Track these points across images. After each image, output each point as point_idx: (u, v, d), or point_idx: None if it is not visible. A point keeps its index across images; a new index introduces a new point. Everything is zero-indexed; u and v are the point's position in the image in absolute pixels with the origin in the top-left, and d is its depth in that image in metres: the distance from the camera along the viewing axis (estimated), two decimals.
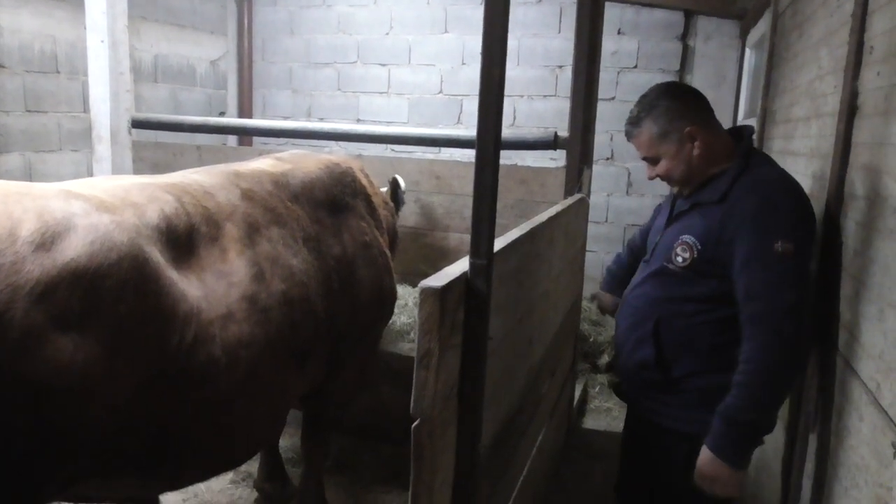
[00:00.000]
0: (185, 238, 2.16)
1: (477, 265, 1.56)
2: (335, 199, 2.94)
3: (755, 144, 4.49)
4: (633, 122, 2.36)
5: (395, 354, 3.86)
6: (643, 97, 2.37)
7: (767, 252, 2.03)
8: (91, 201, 1.91)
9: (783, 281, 2.03)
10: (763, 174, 2.19)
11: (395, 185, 3.90)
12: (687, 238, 2.24)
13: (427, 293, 1.42)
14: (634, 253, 2.87)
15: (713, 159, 2.28)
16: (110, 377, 1.79)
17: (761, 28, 4.80)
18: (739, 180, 2.18)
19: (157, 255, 1.97)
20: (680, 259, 2.25)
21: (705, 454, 2.13)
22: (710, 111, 2.35)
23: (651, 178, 2.43)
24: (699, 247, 2.20)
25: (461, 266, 1.59)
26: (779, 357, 2.04)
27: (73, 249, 1.75)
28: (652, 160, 2.36)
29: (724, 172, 2.25)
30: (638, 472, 2.60)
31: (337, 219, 2.90)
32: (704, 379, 2.25)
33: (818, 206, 2.37)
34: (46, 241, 1.72)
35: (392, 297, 3.20)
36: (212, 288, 2.15)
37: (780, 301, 2.03)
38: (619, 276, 2.91)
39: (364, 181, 3.21)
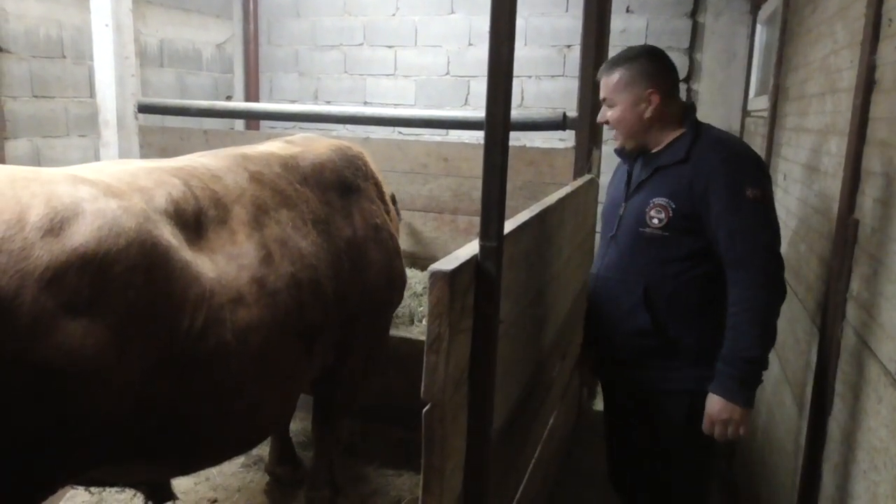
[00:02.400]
0: (193, 222, 2.15)
1: (487, 248, 1.54)
2: (346, 181, 2.92)
3: (767, 121, 4.47)
4: (611, 64, 2.49)
5: (406, 339, 3.85)
6: (629, 49, 2.53)
7: (740, 198, 2.20)
8: (99, 186, 1.90)
9: (759, 223, 2.22)
10: (719, 134, 2.42)
11: (391, 199, 3.89)
12: (658, 200, 2.35)
13: (437, 277, 1.40)
14: None
15: (661, 124, 2.44)
16: (120, 362, 1.79)
17: (773, 3, 4.73)
18: (698, 141, 2.36)
19: (165, 240, 1.96)
20: (656, 220, 2.35)
21: (714, 400, 2.28)
22: (676, 86, 2.52)
23: (600, 122, 2.58)
24: (673, 205, 2.32)
25: (471, 249, 1.57)
26: (767, 293, 2.22)
27: (81, 235, 1.74)
28: (609, 104, 2.50)
29: (678, 138, 2.42)
30: (632, 448, 2.68)
31: (347, 201, 2.88)
32: (699, 335, 2.38)
33: (834, 184, 2.34)
34: (55, 226, 1.71)
35: (402, 280, 3.19)
36: (222, 271, 2.14)
37: (760, 241, 2.22)
38: None
39: (374, 167, 3.19)
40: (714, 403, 2.28)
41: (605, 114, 2.52)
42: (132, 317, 1.81)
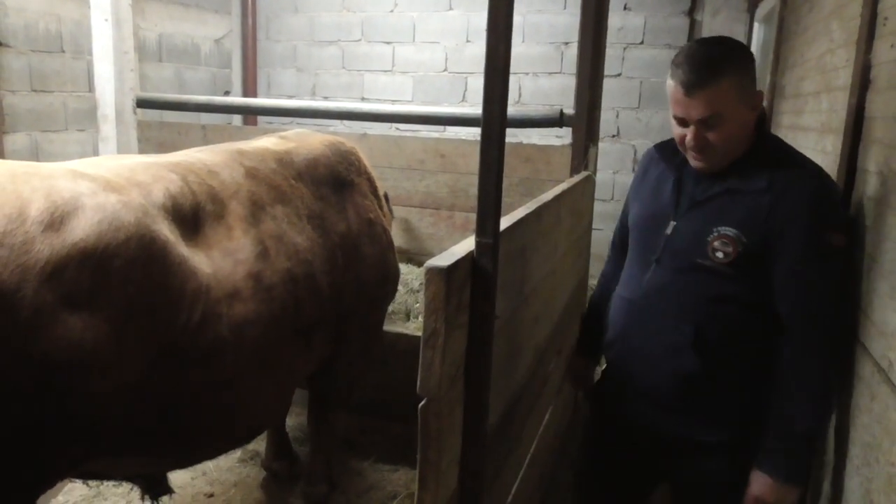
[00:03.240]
0: (190, 216, 2.16)
1: (483, 244, 1.55)
2: (339, 176, 2.93)
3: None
4: (707, 68, 1.87)
5: (402, 334, 3.87)
6: (714, 42, 1.97)
7: (824, 246, 1.85)
8: (98, 181, 1.92)
9: (837, 277, 1.89)
10: (801, 159, 1.97)
11: (384, 197, 3.90)
12: (727, 230, 1.92)
13: (433, 273, 1.41)
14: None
15: (749, 136, 1.98)
16: (119, 355, 1.80)
17: (770, 1, 4.74)
18: (781, 165, 1.92)
19: (164, 234, 1.97)
20: (721, 255, 1.93)
21: (760, 480, 1.92)
22: None
23: (697, 147, 1.96)
24: (744, 239, 1.90)
25: (467, 245, 1.58)
26: (832, 361, 1.90)
27: (81, 229, 1.76)
28: (711, 123, 1.90)
29: (751, 153, 1.97)
30: (632, 495, 2.37)
31: (341, 196, 2.90)
32: (749, 386, 2.00)
33: None
34: (55, 221, 1.73)
35: (395, 275, 3.20)
36: (218, 266, 2.16)
37: (835, 299, 1.89)
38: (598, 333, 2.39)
39: (366, 162, 3.21)
40: (760, 483, 1.92)
41: (707, 134, 1.93)
42: (131, 310, 1.83)
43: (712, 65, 1.87)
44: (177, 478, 3.30)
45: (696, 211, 2.01)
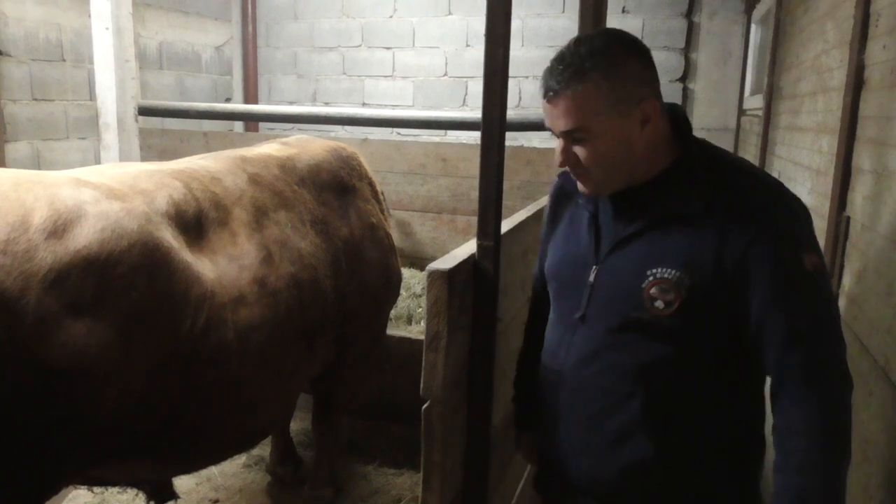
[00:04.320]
0: (194, 223, 2.18)
1: (484, 247, 1.57)
2: (341, 181, 2.95)
3: (762, 120, 4.48)
4: (575, 70, 1.48)
5: (405, 338, 3.88)
6: (586, 39, 1.54)
7: (798, 272, 1.43)
8: (101, 189, 1.93)
9: (827, 307, 1.45)
10: (739, 167, 1.57)
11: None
12: (663, 272, 1.49)
13: (435, 276, 1.43)
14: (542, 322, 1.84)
15: (657, 152, 1.56)
16: (123, 361, 1.82)
17: (767, 3, 4.76)
18: (718, 183, 1.51)
19: (167, 241, 1.99)
20: (660, 304, 1.49)
21: None
22: (658, 80, 1.59)
23: (563, 164, 1.57)
24: (688, 282, 1.47)
25: (468, 248, 1.60)
26: (845, 414, 1.42)
27: (84, 237, 1.77)
28: (577, 137, 1.52)
29: (676, 168, 1.56)
30: None
31: (343, 201, 2.91)
32: (721, 470, 1.56)
33: (826, 181, 2.35)
34: (58, 228, 1.74)
35: (398, 278, 3.22)
36: (223, 271, 2.17)
37: (833, 337, 1.44)
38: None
39: (368, 167, 3.23)
40: None
41: (567, 152, 1.54)
42: (135, 317, 1.84)
43: (574, 65, 1.49)
44: (181, 483, 3.31)
45: (621, 251, 1.57)
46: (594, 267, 1.60)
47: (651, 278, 1.50)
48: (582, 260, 1.63)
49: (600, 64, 1.47)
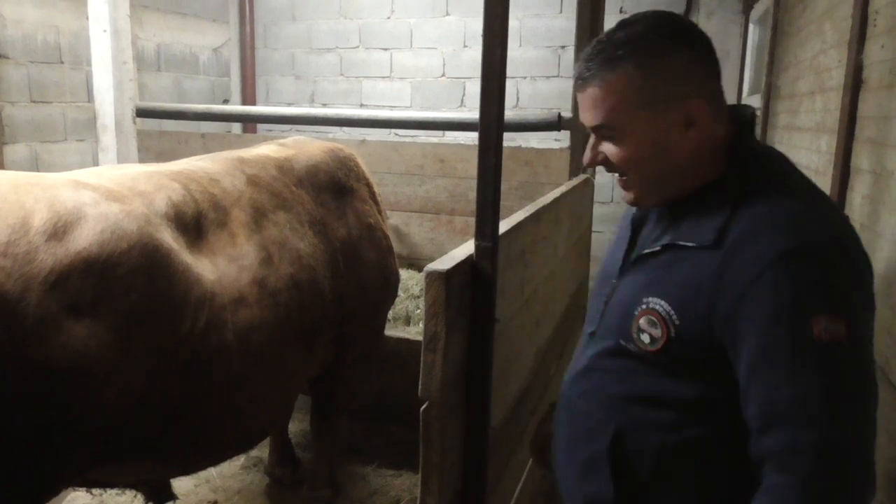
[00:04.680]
0: (193, 224, 2.18)
1: (482, 248, 1.57)
2: (339, 182, 2.95)
3: (760, 120, 4.48)
4: (606, 57, 1.32)
5: (404, 339, 3.88)
6: (627, 23, 1.37)
7: (798, 337, 1.12)
8: (100, 191, 1.94)
9: (832, 389, 1.11)
10: (784, 198, 1.24)
11: None
12: (657, 304, 1.30)
13: (433, 277, 1.43)
14: None
15: (703, 161, 1.33)
16: (123, 362, 1.82)
17: (765, 3, 4.77)
18: (744, 208, 1.24)
19: (166, 243, 1.99)
20: (646, 338, 1.31)
21: None
22: (720, 77, 1.35)
23: (590, 165, 1.43)
24: (676, 321, 1.27)
25: (466, 249, 1.60)
26: None
27: (84, 239, 1.78)
28: (605, 135, 1.36)
29: (713, 188, 1.32)
30: None
31: (341, 202, 2.92)
32: None
33: (825, 181, 2.35)
34: (58, 230, 1.75)
35: (396, 279, 3.22)
36: (223, 272, 2.18)
37: (831, 428, 1.10)
38: None
39: (365, 168, 3.23)
40: None
41: (595, 149, 1.40)
42: (135, 318, 1.84)
43: (605, 51, 1.32)
44: (180, 485, 3.31)
45: (635, 270, 1.41)
46: (613, 282, 1.46)
47: (644, 307, 1.33)
48: (611, 272, 1.50)
49: (636, 52, 1.29)
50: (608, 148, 1.36)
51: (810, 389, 1.11)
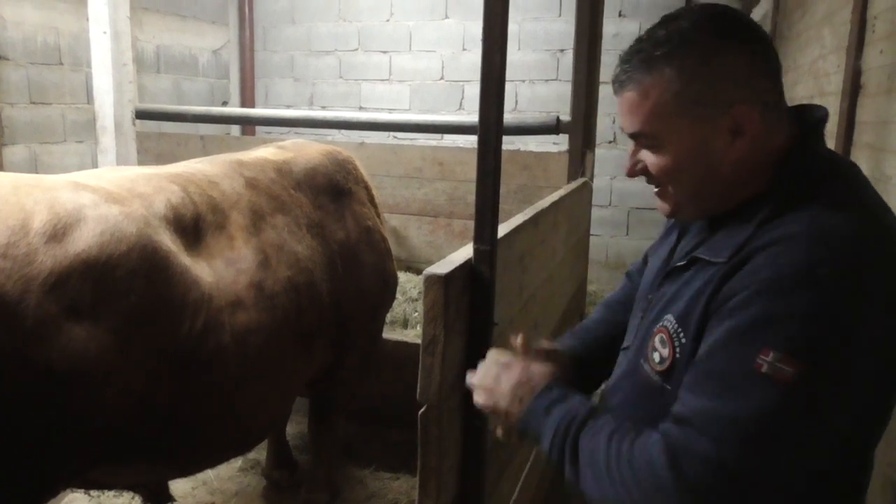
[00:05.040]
0: (192, 227, 2.18)
1: (481, 251, 1.57)
2: (337, 185, 2.96)
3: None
4: (645, 57, 1.20)
5: (402, 342, 3.88)
6: (673, 17, 1.23)
7: (738, 363, 1.05)
8: (100, 193, 1.94)
9: (749, 419, 1.02)
10: (818, 217, 1.09)
11: None
12: (668, 321, 1.22)
13: (431, 280, 1.43)
14: (622, 304, 1.65)
15: (751, 173, 1.20)
16: (122, 364, 1.82)
17: (763, 7, 4.78)
18: (769, 224, 1.12)
19: (165, 245, 1.99)
20: (657, 357, 1.23)
21: None
22: (778, 79, 1.22)
23: (631, 175, 1.31)
24: (682, 338, 1.18)
25: (465, 253, 1.60)
26: (631, 480, 1.08)
27: (84, 240, 1.78)
28: (645, 143, 1.25)
29: (753, 203, 1.18)
30: None
31: (339, 204, 2.92)
32: None
33: None
34: (58, 232, 1.75)
35: (394, 282, 3.22)
36: (221, 275, 2.18)
37: (725, 450, 1.02)
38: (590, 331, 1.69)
39: (363, 171, 3.23)
40: None
41: (635, 158, 1.29)
42: (133, 320, 1.84)
43: (644, 51, 1.20)
44: (177, 487, 3.31)
45: (667, 284, 1.31)
46: (649, 297, 1.36)
47: (660, 324, 1.24)
48: (648, 285, 1.41)
49: (677, 52, 1.16)
50: (647, 157, 1.25)
51: (723, 408, 1.03)
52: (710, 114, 1.16)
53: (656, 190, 1.29)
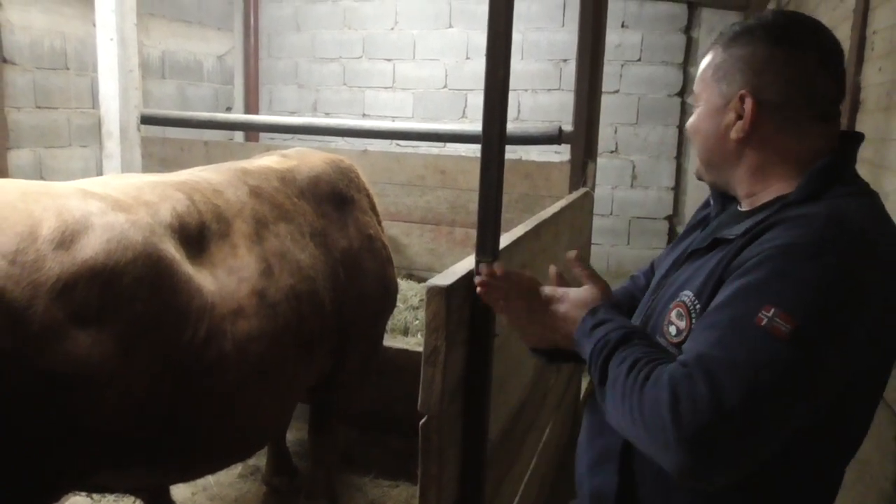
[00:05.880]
0: (196, 235, 2.20)
1: (483, 263, 1.58)
2: (340, 193, 2.98)
3: None
4: (731, 33, 1.40)
5: (403, 350, 3.90)
6: (774, 13, 1.43)
7: (742, 315, 1.14)
8: (107, 201, 1.96)
9: (745, 367, 1.10)
10: (832, 206, 1.22)
11: None
12: (685, 295, 1.32)
13: (433, 292, 1.44)
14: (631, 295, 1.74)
15: (763, 164, 1.35)
16: (126, 370, 1.84)
17: None
18: (786, 208, 1.25)
19: (170, 253, 2.01)
20: (673, 330, 1.32)
21: None
22: (817, 102, 1.32)
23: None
24: (698, 308, 1.28)
25: (467, 264, 1.62)
26: (645, 402, 1.15)
27: (91, 248, 1.80)
28: (696, 101, 1.49)
29: (779, 200, 1.31)
30: None
31: (342, 212, 2.95)
32: None
33: None
34: (66, 239, 1.77)
35: (395, 289, 3.25)
36: (223, 284, 2.20)
37: (723, 392, 1.08)
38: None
39: (365, 179, 3.26)
40: None
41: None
42: (138, 327, 1.86)
43: (732, 29, 1.41)
44: (177, 494, 3.32)
45: (680, 268, 1.44)
46: (662, 281, 1.49)
47: (677, 300, 1.34)
48: (667, 265, 1.53)
49: (732, 39, 1.38)
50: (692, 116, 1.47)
51: (722, 356, 1.11)
52: (726, 91, 1.36)
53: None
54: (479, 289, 1.51)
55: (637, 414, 1.16)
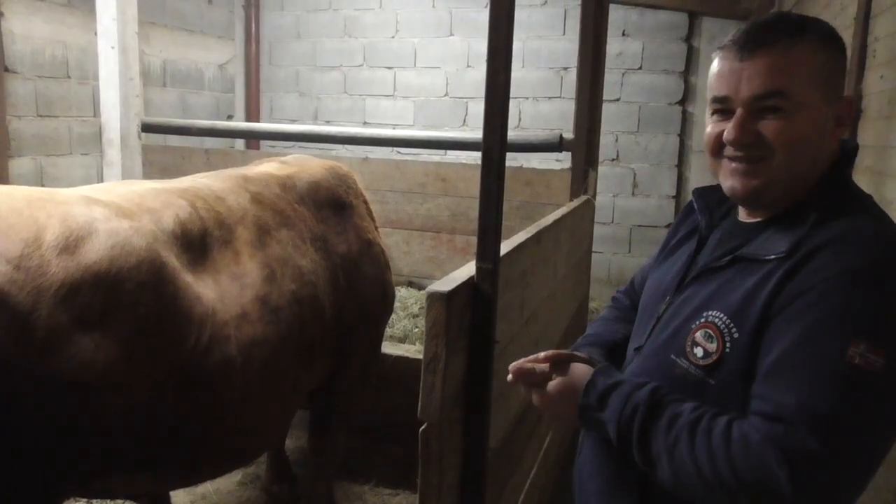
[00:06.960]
0: (199, 242, 2.21)
1: (483, 270, 1.59)
2: (339, 198, 2.99)
3: None
4: (789, 27, 1.25)
5: (403, 357, 3.89)
6: (788, 15, 1.32)
7: (831, 355, 1.09)
8: (110, 207, 1.97)
9: (846, 411, 1.07)
10: (867, 220, 1.21)
11: None
12: (716, 317, 1.24)
13: (434, 298, 1.44)
14: (620, 317, 1.73)
15: (811, 173, 1.28)
16: (129, 376, 1.84)
17: None
18: (823, 224, 1.20)
19: (173, 259, 2.02)
20: (700, 352, 1.25)
21: None
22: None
23: (739, 143, 1.27)
24: (735, 332, 1.20)
25: (467, 270, 1.62)
26: (731, 477, 1.11)
27: (95, 253, 1.81)
28: (771, 105, 1.23)
29: (802, 207, 1.26)
30: None
31: (341, 218, 2.96)
32: None
33: None
34: (70, 245, 1.78)
35: (393, 294, 3.25)
36: (226, 289, 2.20)
37: (828, 444, 1.05)
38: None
39: (362, 186, 3.27)
40: None
41: (745, 126, 1.26)
42: (141, 332, 1.87)
43: (787, 22, 1.26)
44: (177, 500, 3.31)
45: (696, 285, 1.35)
46: (668, 298, 1.41)
47: (702, 320, 1.26)
48: (664, 288, 1.45)
49: (821, 30, 1.24)
50: (769, 124, 1.23)
51: (824, 403, 1.07)
52: (831, 96, 1.24)
53: (745, 165, 1.28)
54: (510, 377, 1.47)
55: (728, 475, 1.11)
